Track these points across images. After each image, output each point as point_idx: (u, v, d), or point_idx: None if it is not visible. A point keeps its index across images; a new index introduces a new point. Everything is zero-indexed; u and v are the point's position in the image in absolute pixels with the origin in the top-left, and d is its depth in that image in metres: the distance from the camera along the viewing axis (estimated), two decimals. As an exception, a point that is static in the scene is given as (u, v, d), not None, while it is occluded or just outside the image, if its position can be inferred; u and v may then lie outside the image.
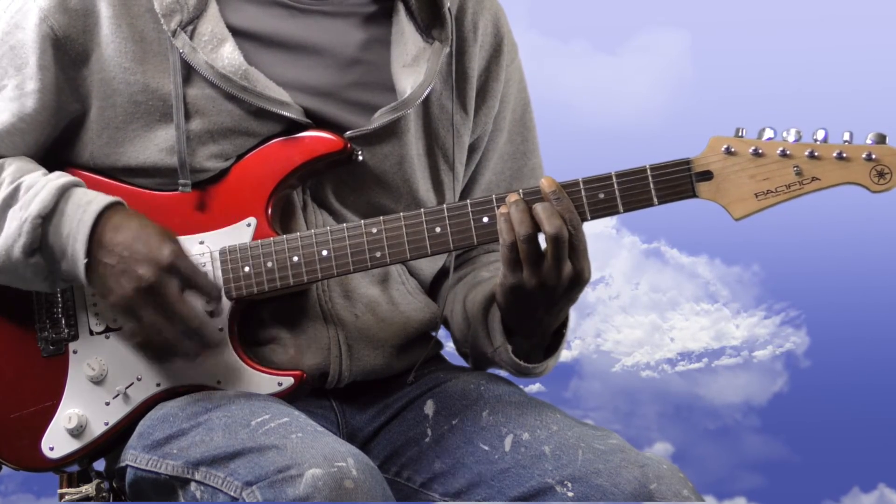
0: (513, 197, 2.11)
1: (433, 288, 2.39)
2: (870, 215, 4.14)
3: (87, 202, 2.13)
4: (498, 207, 2.13)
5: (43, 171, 2.19)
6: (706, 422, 4.63)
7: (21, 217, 2.12)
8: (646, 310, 4.62)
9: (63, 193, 2.13)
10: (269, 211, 2.19)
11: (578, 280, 2.11)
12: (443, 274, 2.38)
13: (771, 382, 4.63)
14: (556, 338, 2.24)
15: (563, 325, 2.23)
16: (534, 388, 3.70)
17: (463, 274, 2.38)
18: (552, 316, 2.17)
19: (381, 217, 2.16)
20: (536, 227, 2.09)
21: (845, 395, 4.50)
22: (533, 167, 2.42)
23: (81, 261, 2.10)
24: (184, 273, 2.10)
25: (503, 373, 2.34)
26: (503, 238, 2.10)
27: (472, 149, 2.36)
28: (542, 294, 2.11)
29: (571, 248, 2.09)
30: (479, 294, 2.28)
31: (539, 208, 2.09)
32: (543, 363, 2.24)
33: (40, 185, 2.14)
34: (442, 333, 2.39)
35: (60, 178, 2.16)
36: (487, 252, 2.41)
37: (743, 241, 4.56)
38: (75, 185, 2.16)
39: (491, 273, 2.33)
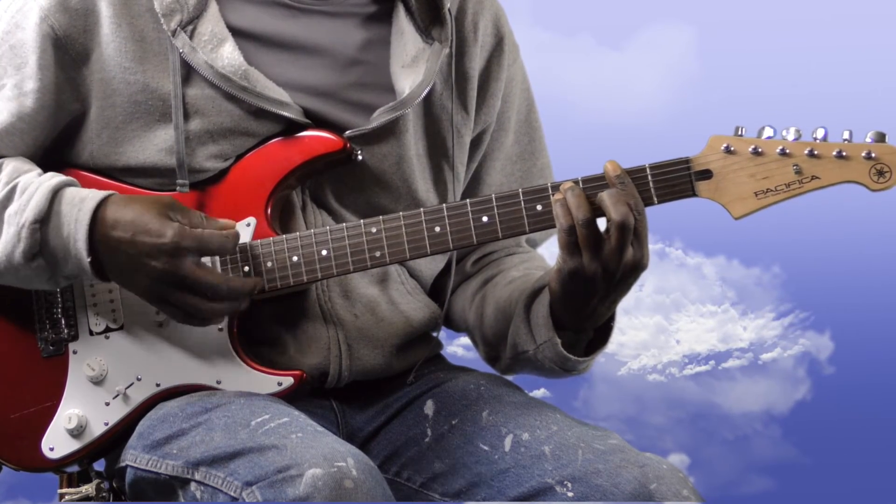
0: (568, 184, 2.15)
1: (435, 289, 2.43)
2: (892, 216, 4.18)
3: (81, 200, 2.17)
4: (496, 207, 2.18)
5: (38, 171, 2.23)
6: (724, 431, 4.64)
7: (18, 222, 2.17)
8: (650, 311, 4.66)
9: (55, 195, 2.17)
10: (269, 211, 2.24)
11: (638, 266, 2.14)
12: (444, 275, 2.42)
13: (793, 389, 4.62)
14: (597, 335, 2.26)
15: (609, 320, 2.25)
16: (538, 392, 3.72)
17: (489, 276, 2.41)
18: (605, 305, 2.19)
19: (381, 217, 2.21)
20: (594, 212, 2.12)
21: (874, 402, 4.48)
22: (542, 167, 2.46)
23: (85, 259, 2.15)
24: (192, 247, 2.14)
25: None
26: (560, 222, 2.13)
27: (473, 144, 2.40)
28: (602, 279, 2.14)
29: (635, 234, 2.13)
30: (516, 292, 2.31)
31: (605, 195, 2.12)
32: (587, 359, 2.26)
33: (34, 186, 2.18)
34: (442, 334, 2.43)
35: (52, 178, 2.19)
36: (510, 255, 2.45)
37: (762, 243, 4.55)
38: (67, 184, 2.19)
39: (520, 273, 2.37)
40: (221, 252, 2.18)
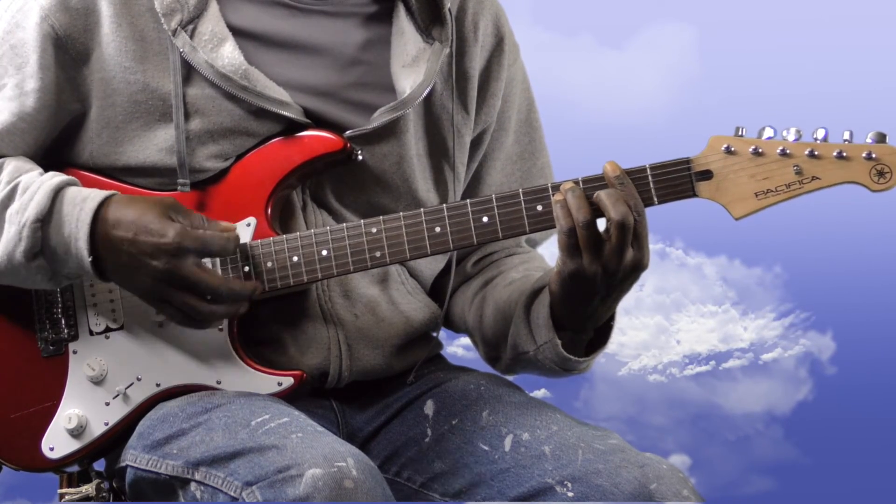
0: (568, 184, 2.15)
1: (435, 289, 2.44)
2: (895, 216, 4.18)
3: (83, 199, 2.18)
4: (496, 207, 2.18)
5: (39, 170, 2.24)
6: (725, 432, 4.63)
7: (19, 221, 2.18)
8: (651, 311, 4.66)
9: (57, 194, 2.18)
10: (269, 211, 2.25)
11: (638, 266, 2.15)
12: (444, 275, 2.42)
13: (795, 390, 4.61)
14: (597, 334, 2.27)
15: (609, 319, 2.26)
16: (539, 393, 3.73)
17: (489, 277, 2.42)
18: (605, 305, 2.20)
19: (381, 217, 2.22)
20: (594, 213, 2.13)
21: (876, 402, 4.47)
22: (542, 166, 2.48)
23: (87, 259, 2.16)
24: (193, 248, 2.15)
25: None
26: (560, 224, 2.14)
27: (474, 144, 2.41)
28: (603, 280, 2.14)
29: (635, 234, 2.13)
30: (516, 293, 2.32)
31: (603, 194, 2.13)
32: (587, 359, 2.27)
33: (35, 186, 2.19)
34: (442, 334, 2.44)
35: (54, 177, 2.20)
36: (510, 255, 2.46)
37: (764, 243, 4.55)
38: (69, 183, 2.20)
39: (520, 274, 2.38)
40: (223, 253, 2.19)
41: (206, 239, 2.17)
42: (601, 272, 2.14)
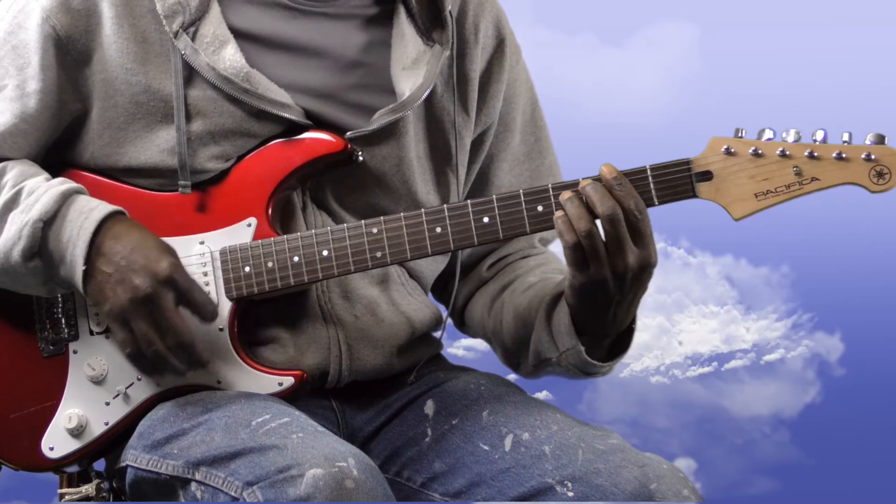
0: (566, 194, 2.17)
1: (440, 291, 2.48)
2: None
3: (90, 209, 2.20)
4: (497, 208, 2.21)
5: (45, 175, 2.25)
6: (731, 434, 4.63)
7: (22, 220, 2.20)
8: (652, 312, 4.67)
9: (66, 199, 2.21)
10: (270, 211, 2.27)
11: (646, 265, 2.16)
12: (451, 277, 2.44)
13: (802, 392, 4.61)
14: (617, 336, 2.29)
15: (631, 323, 2.27)
16: (540, 395, 3.74)
17: (506, 282, 2.44)
18: (623, 309, 2.21)
19: (382, 217, 2.24)
20: (593, 221, 2.15)
21: (886, 404, 4.46)
22: (550, 165, 2.49)
23: (80, 267, 2.18)
24: (180, 287, 2.18)
25: (510, 374, 2.43)
26: (565, 240, 2.15)
27: (474, 145, 2.43)
28: (614, 284, 2.16)
29: (637, 232, 2.14)
30: (535, 299, 2.33)
31: (590, 190, 2.15)
32: (610, 363, 2.29)
33: (42, 189, 2.21)
34: (444, 334, 2.44)
35: (63, 184, 2.22)
36: (525, 258, 2.48)
37: (770, 242, 4.55)
38: (78, 191, 2.23)
39: (538, 278, 2.40)
40: (202, 308, 2.21)
41: (195, 285, 2.20)
42: (611, 276, 2.16)
